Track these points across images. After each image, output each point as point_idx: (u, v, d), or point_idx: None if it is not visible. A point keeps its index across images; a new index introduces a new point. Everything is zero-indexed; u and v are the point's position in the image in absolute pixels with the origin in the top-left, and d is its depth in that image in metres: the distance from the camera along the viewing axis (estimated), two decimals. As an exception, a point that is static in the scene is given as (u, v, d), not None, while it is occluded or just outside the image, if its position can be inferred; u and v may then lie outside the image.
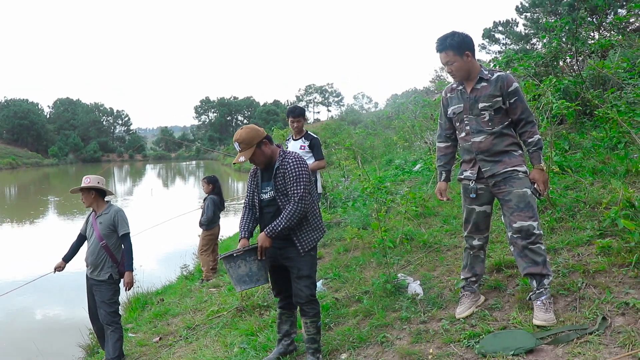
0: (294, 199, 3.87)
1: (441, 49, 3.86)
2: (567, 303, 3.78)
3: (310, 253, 4.03)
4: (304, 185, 3.89)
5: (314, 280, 4.06)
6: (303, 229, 4.00)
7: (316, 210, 4.12)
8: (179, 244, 13.59)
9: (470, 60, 3.84)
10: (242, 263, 3.98)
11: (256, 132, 3.99)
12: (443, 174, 4.30)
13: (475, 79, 3.88)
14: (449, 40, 3.82)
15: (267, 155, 4.02)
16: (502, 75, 3.83)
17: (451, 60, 3.83)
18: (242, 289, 4.10)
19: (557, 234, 4.99)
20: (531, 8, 44.15)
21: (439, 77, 39.55)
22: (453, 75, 3.95)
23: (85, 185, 5.61)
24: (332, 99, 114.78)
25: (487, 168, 3.86)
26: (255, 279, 3.99)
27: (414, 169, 11.72)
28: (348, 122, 42.83)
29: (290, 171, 3.92)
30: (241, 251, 3.97)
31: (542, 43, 10.24)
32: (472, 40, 3.89)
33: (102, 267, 5.58)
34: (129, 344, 6.33)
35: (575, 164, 6.58)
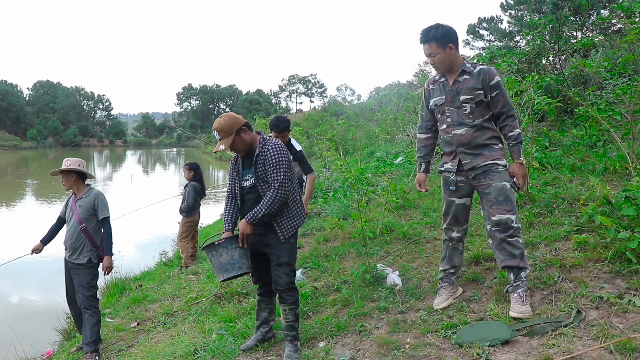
0: (274, 185, 3.87)
1: (424, 41, 3.88)
2: (543, 296, 3.84)
3: (290, 240, 4.03)
4: (283, 171, 3.90)
5: (293, 268, 4.07)
6: (283, 215, 4.00)
7: (297, 197, 4.12)
8: (158, 231, 13.54)
9: (452, 53, 3.87)
10: (223, 251, 3.97)
11: (235, 120, 3.99)
12: (422, 165, 4.33)
13: (457, 72, 3.91)
14: (433, 32, 3.85)
15: (246, 143, 4.02)
16: (485, 68, 3.86)
17: (434, 52, 3.86)
18: (225, 278, 4.06)
19: (535, 228, 5.06)
20: (516, 6, 44.49)
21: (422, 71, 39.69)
22: (435, 67, 3.98)
23: (66, 168, 5.56)
24: (315, 89, 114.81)
25: (467, 161, 3.89)
26: (238, 267, 3.98)
27: (395, 162, 11.77)
28: (331, 113, 42.76)
29: (270, 158, 3.92)
30: (222, 239, 3.97)
31: (526, 40, 10.31)
32: (456, 33, 3.91)
33: (81, 250, 5.53)
34: (107, 329, 6.30)
35: (555, 160, 6.67)
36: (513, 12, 45.77)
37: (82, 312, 5.64)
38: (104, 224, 5.59)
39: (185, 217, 8.49)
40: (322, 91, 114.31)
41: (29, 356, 6.49)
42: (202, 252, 8.83)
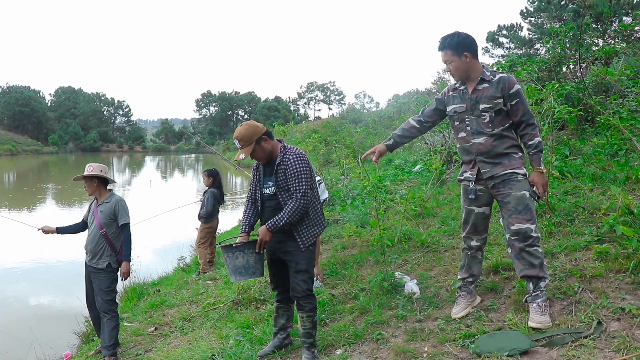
0: (297, 195, 3.88)
1: (441, 48, 3.92)
2: (563, 307, 3.80)
3: (309, 248, 4.05)
4: (305, 181, 3.90)
5: (311, 275, 4.08)
6: (304, 224, 4.02)
7: (317, 205, 4.14)
8: (176, 236, 13.62)
9: (468, 61, 3.86)
10: (240, 255, 4.03)
11: (255, 129, 4.01)
12: (391, 140, 4.33)
13: (476, 80, 3.90)
14: (449, 40, 3.87)
15: (267, 151, 4.04)
16: (504, 76, 3.84)
17: (449, 59, 3.88)
18: (237, 280, 4.16)
19: (555, 238, 5.01)
20: (536, 13, 44.17)
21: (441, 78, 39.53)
22: (452, 74, 4.00)
23: (89, 174, 5.62)
24: (334, 97, 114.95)
25: (487, 170, 3.87)
26: (251, 272, 4.06)
27: (413, 170, 11.74)
28: (349, 120, 42.77)
29: (291, 167, 3.93)
30: (241, 243, 4.02)
31: (546, 48, 10.25)
32: (474, 41, 3.90)
33: (101, 255, 5.59)
34: (125, 333, 6.35)
35: (575, 169, 6.60)
36: (533, 19, 45.43)
37: (101, 316, 5.69)
38: (124, 230, 5.64)
39: (204, 223, 8.53)
40: (341, 98, 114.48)
41: (48, 358, 6.56)
42: (220, 259, 8.90)
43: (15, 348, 7.07)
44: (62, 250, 12.60)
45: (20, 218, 19.30)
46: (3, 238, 14.95)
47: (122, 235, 5.65)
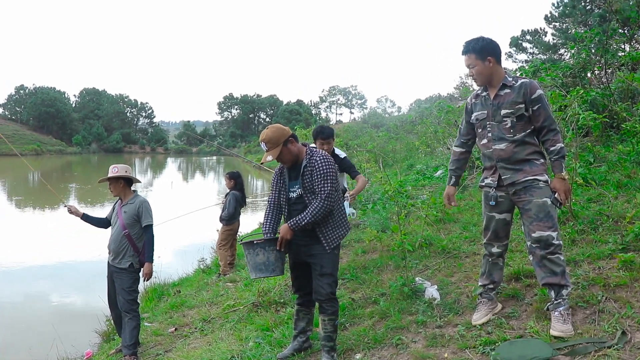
0: (321, 195, 3.91)
1: (464, 52, 3.92)
2: (585, 315, 3.75)
3: (334, 251, 4.07)
4: (330, 182, 3.94)
5: (335, 279, 4.09)
6: (329, 225, 4.03)
7: (341, 207, 4.18)
8: (197, 238, 13.70)
9: (492, 66, 3.85)
10: (260, 251, 4.07)
11: (282, 132, 4.05)
12: (453, 178, 4.33)
13: (498, 86, 3.88)
14: (473, 44, 3.87)
15: (293, 154, 4.07)
16: (526, 82, 3.81)
17: (472, 63, 3.88)
18: (257, 277, 4.21)
19: (578, 246, 4.96)
20: (560, 18, 43.73)
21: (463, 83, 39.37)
22: (474, 78, 3.98)
23: (114, 175, 5.69)
24: (355, 101, 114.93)
25: (507, 176, 3.85)
26: (271, 269, 4.10)
27: (435, 175, 11.69)
28: (370, 125, 42.79)
29: (317, 169, 3.97)
30: (262, 240, 4.07)
31: (571, 54, 10.14)
32: (498, 46, 3.89)
33: (124, 255, 5.65)
34: (145, 333, 6.40)
35: (599, 176, 6.53)
36: (558, 24, 44.99)
37: (122, 316, 5.75)
38: (147, 231, 5.69)
39: (225, 225, 8.58)
40: (362, 103, 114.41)
41: (69, 356, 6.64)
42: (240, 261, 8.95)
43: (38, 345, 7.16)
44: (84, 250, 12.78)
45: (45, 215, 19.60)
46: (27, 236, 15.22)
47: (145, 236, 5.70)
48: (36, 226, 17.36)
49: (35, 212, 20.89)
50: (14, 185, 34.07)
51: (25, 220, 18.91)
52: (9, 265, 12.13)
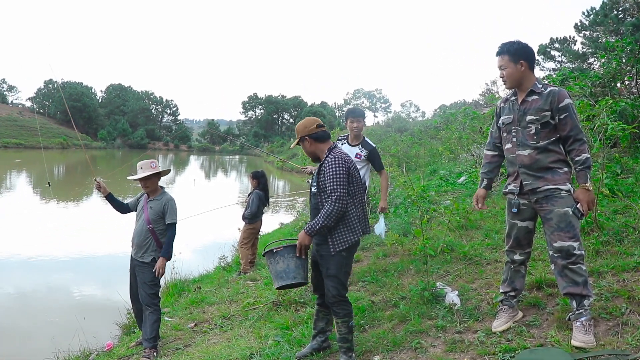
0: (332, 197, 3.90)
1: (499, 53, 3.93)
2: (608, 327, 3.72)
3: (341, 254, 4.02)
4: (340, 184, 3.91)
5: (341, 281, 4.05)
6: (338, 228, 4.00)
7: (356, 211, 4.09)
8: (218, 236, 13.81)
9: (523, 70, 3.85)
10: (280, 259, 4.11)
11: (303, 127, 4.21)
12: (484, 181, 4.30)
13: (527, 91, 3.88)
14: (508, 46, 3.89)
15: (308, 151, 4.22)
16: (555, 90, 3.79)
17: (504, 65, 3.88)
18: (280, 285, 4.19)
19: (602, 257, 4.91)
20: (591, 26, 43.22)
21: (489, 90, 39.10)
22: (504, 80, 3.97)
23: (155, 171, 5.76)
24: (380, 104, 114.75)
25: (528, 182, 3.84)
26: (292, 276, 4.11)
27: (458, 181, 11.64)
28: (394, 129, 42.62)
29: (328, 169, 3.98)
30: (281, 247, 4.10)
31: (601, 63, 10.03)
32: (533, 53, 3.90)
33: (147, 249, 5.71)
34: (165, 327, 6.48)
35: (626, 188, 6.46)
36: (588, 32, 44.50)
37: (143, 309, 5.81)
38: (169, 229, 5.75)
39: (248, 224, 8.64)
40: (387, 106, 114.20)
41: (91, 347, 6.73)
42: (260, 260, 9.00)
43: (60, 335, 7.27)
44: (107, 244, 12.95)
45: (68, 209, 19.88)
46: (51, 229, 15.44)
47: (167, 233, 5.76)
48: (59, 219, 17.62)
49: (60, 205, 21.18)
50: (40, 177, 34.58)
51: (49, 213, 19.18)
52: (33, 256, 12.33)
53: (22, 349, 7.34)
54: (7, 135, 70.00)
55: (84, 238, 14.14)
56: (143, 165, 5.77)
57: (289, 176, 39.18)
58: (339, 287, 4.02)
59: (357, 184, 4.09)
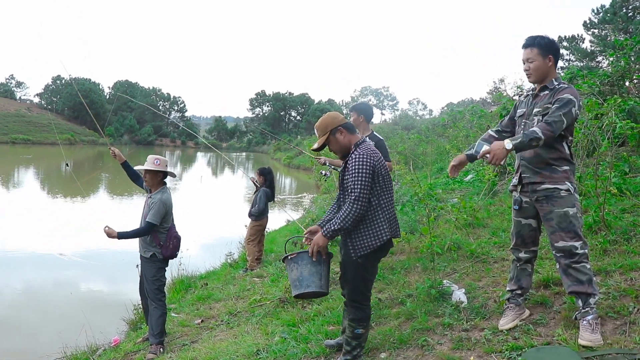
0: (351, 198, 3.62)
1: (528, 44, 3.85)
2: (616, 326, 3.71)
3: (360, 260, 3.76)
4: (362, 183, 3.61)
5: (357, 288, 3.84)
6: (358, 231, 3.74)
7: (383, 213, 3.78)
8: (224, 232, 13.84)
9: (550, 65, 3.82)
10: (294, 266, 3.86)
11: (332, 120, 3.90)
12: (472, 150, 4.04)
13: (543, 87, 3.88)
14: (539, 39, 3.83)
15: (341, 144, 3.86)
16: (565, 86, 3.79)
17: (533, 58, 3.82)
18: (295, 294, 3.93)
19: (610, 256, 4.90)
20: (600, 25, 43.02)
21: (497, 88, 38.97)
22: (529, 73, 3.89)
23: (154, 168, 5.76)
24: (387, 102, 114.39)
25: (527, 175, 3.85)
26: (305, 285, 3.83)
27: (465, 179, 11.62)
28: (401, 126, 42.57)
29: (351, 166, 3.70)
30: (295, 254, 3.89)
31: (609, 61, 9.99)
32: (559, 49, 3.90)
33: (147, 246, 5.74)
34: (171, 323, 6.50)
35: (634, 187, 6.44)
36: (596, 31, 44.30)
37: (149, 304, 5.85)
38: (146, 225, 5.63)
39: (254, 220, 8.66)
40: (394, 104, 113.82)
41: (98, 342, 6.77)
42: (267, 257, 9.03)
43: (67, 329, 7.32)
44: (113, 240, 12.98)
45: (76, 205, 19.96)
46: (60, 225, 15.52)
47: (139, 227, 5.70)
48: (67, 215, 17.70)
49: (67, 201, 21.28)
50: (48, 173, 34.76)
51: (57, 208, 19.28)
52: (40, 252, 12.40)
53: (30, 344, 7.40)
54: (16, 131, 70.44)
55: (91, 234, 14.19)
56: (149, 159, 5.80)
57: (296, 173, 39.22)
58: (355, 293, 3.85)
59: (385, 183, 3.79)
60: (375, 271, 4.02)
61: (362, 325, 3.85)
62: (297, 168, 41.56)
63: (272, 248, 10.01)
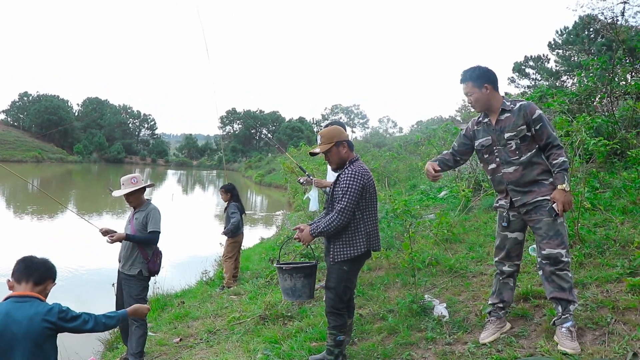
0: (337, 209, 3.98)
1: (462, 80, 4.08)
2: (595, 337, 3.81)
3: (341, 266, 4.07)
4: (348, 198, 3.96)
5: (338, 295, 4.08)
6: (340, 239, 4.08)
7: (364, 226, 4.10)
8: (198, 251, 13.72)
9: (489, 93, 4.00)
10: (288, 277, 4.32)
11: (339, 132, 4.25)
12: (437, 161, 4.37)
13: (498, 111, 4.02)
14: (470, 73, 4.04)
15: (340, 157, 4.21)
16: (524, 104, 3.96)
17: (470, 91, 4.03)
18: (286, 299, 4.62)
19: (585, 269, 5.02)
20: (564, 45, 44.15)
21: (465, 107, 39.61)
22: (473, 106, 4.12)
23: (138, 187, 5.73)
24: (358, 120, 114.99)
25: (518, 198, 3.96)
26: (298, 295, 4.36)
27: (439, 196, 11.75)
28: (372, 144, 42.90)
29: (341, 182, 4.05)
30: (290, 267, 4.35)
31: (577, 80, 10.28)
32: (494, 74, 4.07)
33: (133, 262, 5.66)
34: (149, 343, 6.39)
35: (604, 202, 6.60)
36: (560, 51, 45.47)
37: (129, 323, 5.76)
38: (152, 236, 5.67)
39: (231, 237, 8.63)
40: (364, 122, 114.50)
41: (73, 363, 6.62)
42: (244, 274, 8.99)
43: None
44: (88, 259, 12.77)
45: (45, 223, 19.59)
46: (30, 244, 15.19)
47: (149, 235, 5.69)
48: (39, 234, 17.35)
49: (35, 220, 20.87)
50: (13, 192, 34.04)
51: (26, 228, 18.89)
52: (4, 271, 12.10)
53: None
54: (-20, 149, 68.91)
55: (65, 253, 13.94)
56: (124, 181, 5.74)
57: (267, 191, 39.13)
58: (335, 300, 4.08)
59: (371, 199, 4.14)
60: (355, 281, 4.34)
61: (342, 332, 4.11)
62: (268, 186, 41.49)
63: (248, 266, 9.95)
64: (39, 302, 2.91)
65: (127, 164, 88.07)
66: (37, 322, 2.82)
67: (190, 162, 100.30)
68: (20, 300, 2.89)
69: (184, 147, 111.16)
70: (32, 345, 2.82)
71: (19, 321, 2.81)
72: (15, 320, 2.81)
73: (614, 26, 12.90)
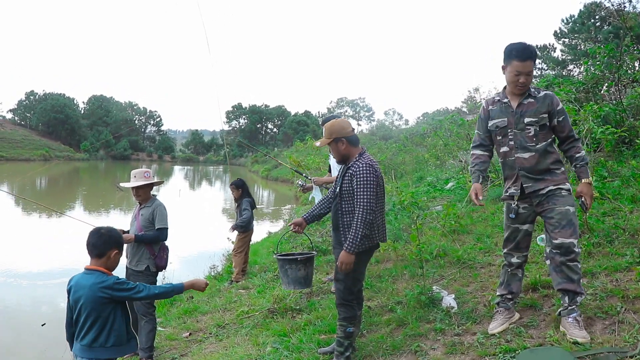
0: (362, 205, 3.89)
1: (528, 57, 3.82)
2: (605, 326, 3.79)
3: None
4: (369, 192, 3.90)
5: (347, 286, 4.08)
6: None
7: (375, 218, 4.05)
8: (206, 246, 13.75)
9: None
10: (289, 269, 4.57)
11: (340, 128, 4.16)
12: (479, 177, 4.18)
13: (523, 95, 3.93)
14: (534, 51, 3.88)
15: (340, 153, 4.15)
16: (550, 93, 3.91)
17: (531, 70, 3.86)
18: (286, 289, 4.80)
19: (594, 258, 4.99)
20: (570, 34, 43.89)
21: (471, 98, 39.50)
22: (524, 85, 3.87)
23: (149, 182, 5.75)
24: (363, 113, 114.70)
25: (529, 185, 3.91)
26: (299, 285, 4.77)
27: (446, 187, 11.73)
28: (378, 137, 42.86)
29: (358, 176, 3.95)
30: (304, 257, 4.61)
31: (584, 68, 10.21)
32: None
33: (140, 258, 5.68)
34: (159, 338, 6.42)
35: (613, 191, 6.57)
36: (567, 40, 45.18)
37: (138, 319, 5.78)
38: (160, 233, 5.70)
39: (241, 232, 8.65)
40: (370, 115, 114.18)
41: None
42: (252, 269, 9.01)
43: (51, 347, 7.19)
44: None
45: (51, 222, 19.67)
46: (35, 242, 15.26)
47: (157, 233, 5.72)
48: (44, 232, 17.41)
49: (42, 218, 20.95)
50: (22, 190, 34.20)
51: (33, 225, 18.97)
52: (17, 270, 12.17)
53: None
54: (-12, 148, 69.21)
55: (69, 250, 13.98)
56: (137, 174, 5.76)
57: (274, 185, 39.15)
58: (344, 292, 4.08)
59: (381, 191, 4.11)
60: (364, 273, 4.39)
61: (352, 323, 4.11)
62: (275, 180, 41.47)
63: (256, 260, 9.96)
64: (99, 273, 3.42)
65: (134, 161, 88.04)
66: (94, 290, 3.35)
67: (197, 157, 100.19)
68: (87, 272, 3.46)
69: (190, 143, 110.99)
70: (92, 309, 3.36)
71: (83, 287, 3.38)
72: (81, 286, 3.40)
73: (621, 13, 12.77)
